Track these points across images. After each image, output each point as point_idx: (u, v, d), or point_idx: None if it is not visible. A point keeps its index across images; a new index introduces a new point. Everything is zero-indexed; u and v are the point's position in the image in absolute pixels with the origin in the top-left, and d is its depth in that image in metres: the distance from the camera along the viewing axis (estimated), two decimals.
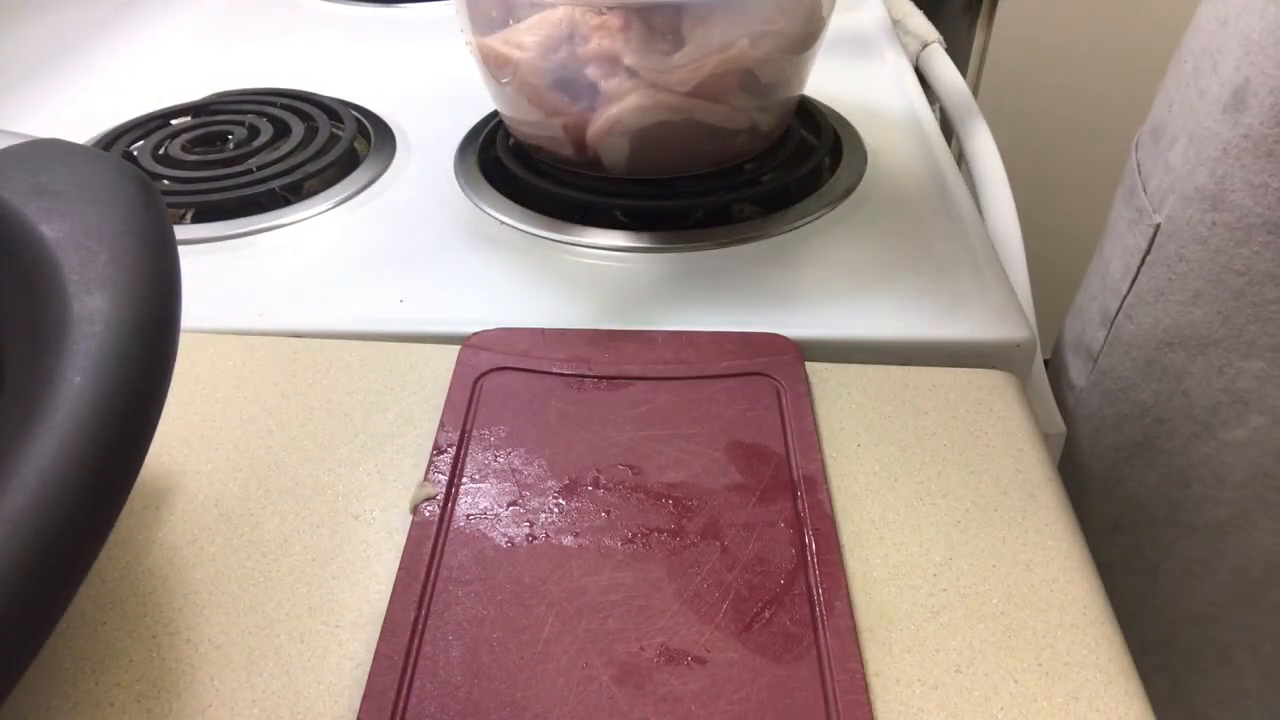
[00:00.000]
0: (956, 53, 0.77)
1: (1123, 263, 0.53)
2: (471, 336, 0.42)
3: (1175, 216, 0.48)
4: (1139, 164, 0.54)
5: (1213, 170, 0.45)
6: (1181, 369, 0.49)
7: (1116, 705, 0.29)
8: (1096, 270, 0.58)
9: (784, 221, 0.51)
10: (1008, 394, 0.41)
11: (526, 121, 0.53)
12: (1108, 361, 0.54)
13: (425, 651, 0.30)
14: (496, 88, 0.53)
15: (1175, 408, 0.50)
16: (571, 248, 0.50)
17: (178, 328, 0.29)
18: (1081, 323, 0.59)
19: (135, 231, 0.28)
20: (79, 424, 0.24)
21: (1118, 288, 0.53)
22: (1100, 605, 0.32)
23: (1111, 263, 0.55)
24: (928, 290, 0.46)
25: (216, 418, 0.40)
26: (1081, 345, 0.58)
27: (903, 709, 0.29)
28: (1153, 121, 0.53)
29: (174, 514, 0.36)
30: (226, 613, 0.32)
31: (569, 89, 0.50)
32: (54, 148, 0.31)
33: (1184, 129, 0.48)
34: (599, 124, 0.50)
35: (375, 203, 0.55)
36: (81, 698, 0.30)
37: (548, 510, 0.35)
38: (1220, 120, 0.45)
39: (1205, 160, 0.46)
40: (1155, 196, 0.50)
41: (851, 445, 0.38)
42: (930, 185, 0.55)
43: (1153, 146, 0.52)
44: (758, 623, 0.30)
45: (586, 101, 0.50)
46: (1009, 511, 0.35)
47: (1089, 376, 0.56)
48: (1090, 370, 0.56)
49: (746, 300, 0.46)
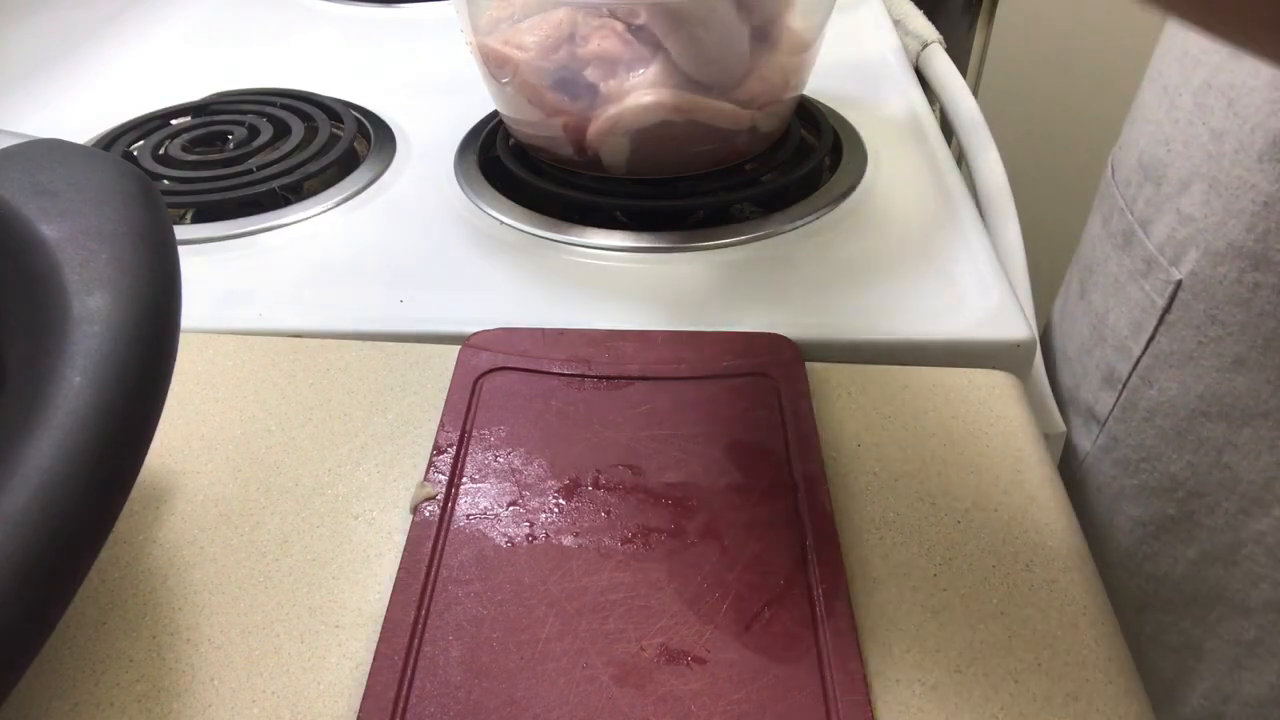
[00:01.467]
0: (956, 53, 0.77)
1: (1129, 318, 0.48)
2: (471, 336, 0.42)
3: (1202, 274, 0.43)
4: (1128, 202, 0.50)
5: (1251, 226, 0.41)
6: (1223, 441, 0.44)
7: (1116, 705, 0.29)
8: (1082, 317, 0.54)
9: (784, 221, 0.51)
10: (1008, 394, 0.41)
11: (527, 121, 0.53)
12: (1121, 428, 0.50)
13: (425, 651, 0.30)
14: (496, 88, 0.53)
15: (1217, 481, 0.45)
16: (571, 248, 0.50)
17: (178, 328, 0.29)
18: (1074, 377, 0.54)
19: (135, 231, 0.28)
20: (79, 424, 0.24)
21: (1125, 346, 0.49)
22: (1100, 605, 0.32)
23: (1110, 315, 0.51)
24: (928, 290, 0.46)
25: (216, 418, 0.40)
26: (1079, 404, 0.54)
27: (903, 709, 0.29)
28: (1138, 154, 0.49)
29: (174, 514, 0.36)
30: (226, 613, 0.32)
31: (569, 89, 0.50)
32: (54, 148, 0.31)
33: (1198, 174, 0.44)
34: (599, 124, 0.50)
35: (375, 203, 0.55)
36: (81, 698, 0.30)
37: (548, 510, 0.35)
38: (1255, 170, 0.41)
39: (1239, 214, 0.41)
40: (1168, 248, 0.45)
41: (851, 445, 0.38)
42: (930, 185, 0.55)
43: (1149, 186, 0.48)
44: (758, 623, 0.30)
45: (586, 101, 0.50)
46: (1009, 511, 0.35)
47: (1095, 441, 0.52)
48: (1096, 434, 0.52)
49: (746, 300, 0.46)
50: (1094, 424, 0.52)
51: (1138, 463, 0.49)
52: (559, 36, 0.49)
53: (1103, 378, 0.51)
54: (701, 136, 0.51)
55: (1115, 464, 0.51)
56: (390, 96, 0.66)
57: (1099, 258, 0.53)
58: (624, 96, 0.49)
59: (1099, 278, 0.53)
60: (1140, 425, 0.49)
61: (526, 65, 0.50)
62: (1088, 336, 0.53)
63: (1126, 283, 0.49)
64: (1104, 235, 0.53)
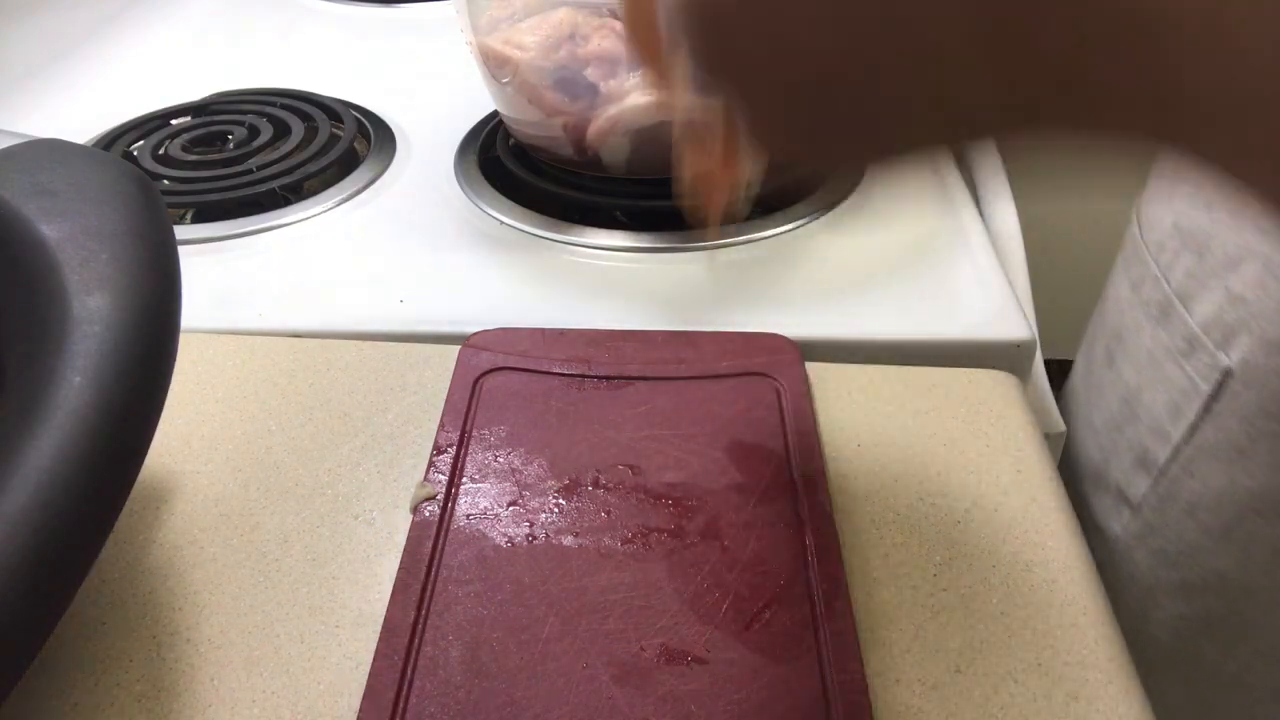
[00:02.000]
0: None
1: (1167, 399, 0.44)
2: (471, 336, 0.42)
3: (1256, 364, 0.40)
4: (1163, 270, 0.45)
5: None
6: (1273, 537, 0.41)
7: (1116, 705, 0.29)
8: (1110, 388, 0.50)
9: (784, 221, 0.51)
10: (1008, 394, 0.41)
11: (527, 121, 0.53)
12: (1158, 518, 0.46)
13: (425, 651, 0.30)
14: (496, 88, 0.53)
15: (1275, 581, 0.43)
16: (571, 248, 0.50)
17: (178, 328, 0.29)
18: (1102, 452, 0.50)
19: (135, 231, 0.28)
20: (79, 424, 0.24)
21: (1163, 429, 0.45)
22: (1100, 605, 0.32)
23: (1144, 393, 0.46)
24: (928, 290, 0.46)
25: (216, 418, 0.40)
26: (1108, 482, 0.49)
27: (903, 709, 0.29)
28: (1174, 216, 0.45)
29: (174, 514, 0.36)
30: (226, 613, 0.32)
31: (569, 89, 0.50)
32: (54, 148, 0.31)
33: (1249, 251, 0.40)
34: (599, 124, 0.50)
35: (375, 203, 0.55)
36: (81, 698, 0.30)
37: (548, 510, 0.35)
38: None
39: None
40: (1215, 330, 0.41)
41: (851, 445, 0.38)
42: (930, 185, 0.55)
43: (1188, 256, 0.43)
44: (758, 623, 0.30)
45: (586, 101, 0.50)
46: (1009, 511, 0.35)
47: (1126, 526, 0.48)
48: (1128, 519, 0.48)
49: (746, 300, 0.46)
50: (1124, 507, 0.48)
51: (1177, 556, 0.46)
52: (559, 36, 0.49)
53: (1135, 459, 0.47)
54: None
55: (1152, 555, 0.47)
56: (390, 96, 0.66)
57: (1129, 326, 0.48)
58: (624, 96, 0.49)
59: (1130, 349, 0.48)
60: (1180, 518, 0.45)
61: (527, 65, 0.50)
62: (1117, 411, 0.49)
63: (1164, 360, 0.45)
64: (1135, 301, 0.48)
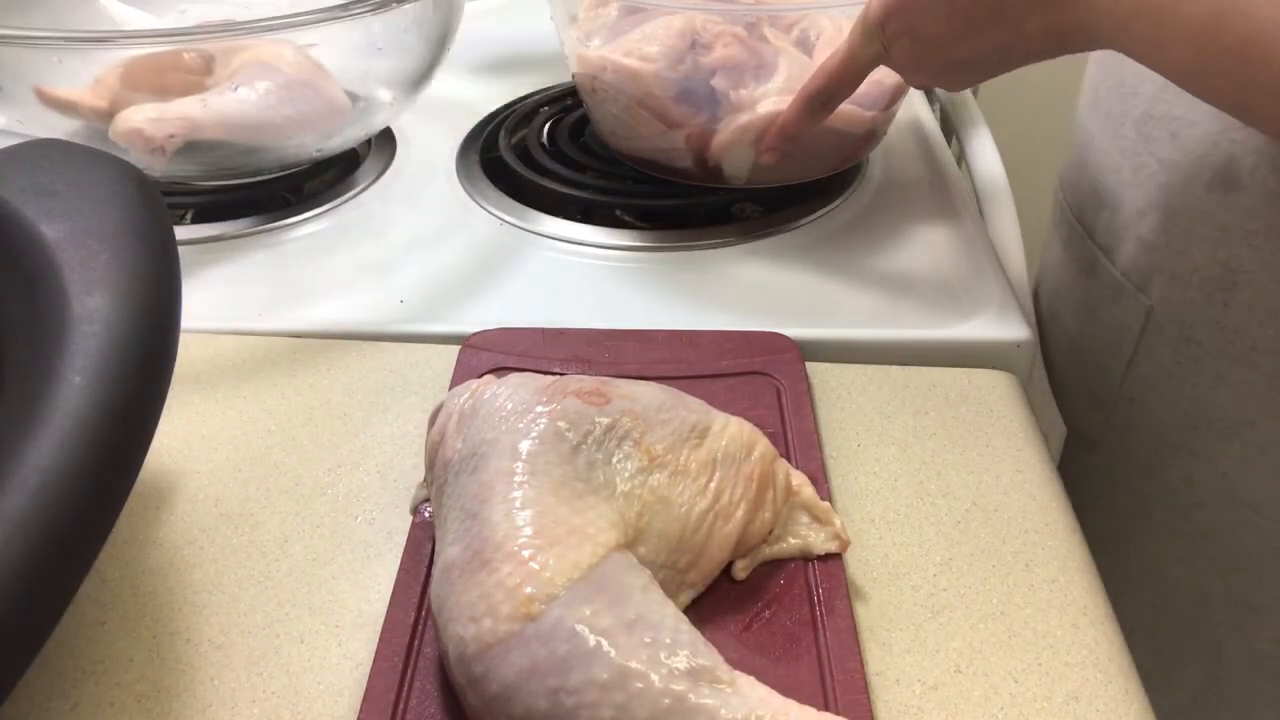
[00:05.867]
0: None
1: (1105, 341, 0.50)
2: (471, 336, 0.42)
3: (1171, 299, 0.45)
4: (1087, 228, 0.51)
5: (1213, 253, 0.43)
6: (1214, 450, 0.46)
7: (1116, 705, 0.29)
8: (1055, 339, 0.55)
9: (784, 221, 0.51)
10: (1008, 394, 0.41)
11: (641, 135, 0.51)
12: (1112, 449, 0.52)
13: (425, 652, 0.30)
14: (604, 101, 0.51)
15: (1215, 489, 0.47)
16: (572, 247, 0.50)
17: (178, 328, 0.29)
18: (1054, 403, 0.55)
19: (135, 231, 0.28)
20: (79, 424, 0.24)
21: (1105, 366, 0.50)
22: (1100, 605, 0.32)
23: (1085, 337, 0.52)
24: (928, 290, 0.46)
25: (216, 418, 0.40)
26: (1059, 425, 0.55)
27: (903, 709, 0.29)
28: (1089, 179, 0.51)
29: (174, 514, 0.36)
30: (226, 613, 0.32)
31: (692, 100, 0.48)
32: (54, 148, 0.31)
33: (1150, 203, 0.45)
34: (726, 134, 0.49)
35: (375, 203, 0.55)
36: (81, 698, 0.30)
37: None
38: (1207, 200, 0.42)
39: (1199, 241, 0.43)
40: (1133, 274, 0.47)
41: (851, 445, 0.38)
42: (930, 185, 0.55)
43: (1106, 213, 0.49)
44: (758, 623, 0.30)
45: (709, 113, 0.49)
46: (1009, 511, 0.35)
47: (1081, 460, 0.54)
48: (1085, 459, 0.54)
49: (746, 300, 0.46)
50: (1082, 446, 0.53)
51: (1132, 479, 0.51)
52: (682, 46, 0.47)
53: (1087, 399, 0.53)
54: (823, 141, 0.50)
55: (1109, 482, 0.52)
56: None
57: (1064, 281, 0.54)
58: (753, 105, 0.48)
59: (1063, 299, 0.54)
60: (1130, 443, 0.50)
61: (653, 77, 0.48)
62: (1063, 360, 0.55)
63: (1096, 306, 0.51)
64: (1066, 259, 0.54)
